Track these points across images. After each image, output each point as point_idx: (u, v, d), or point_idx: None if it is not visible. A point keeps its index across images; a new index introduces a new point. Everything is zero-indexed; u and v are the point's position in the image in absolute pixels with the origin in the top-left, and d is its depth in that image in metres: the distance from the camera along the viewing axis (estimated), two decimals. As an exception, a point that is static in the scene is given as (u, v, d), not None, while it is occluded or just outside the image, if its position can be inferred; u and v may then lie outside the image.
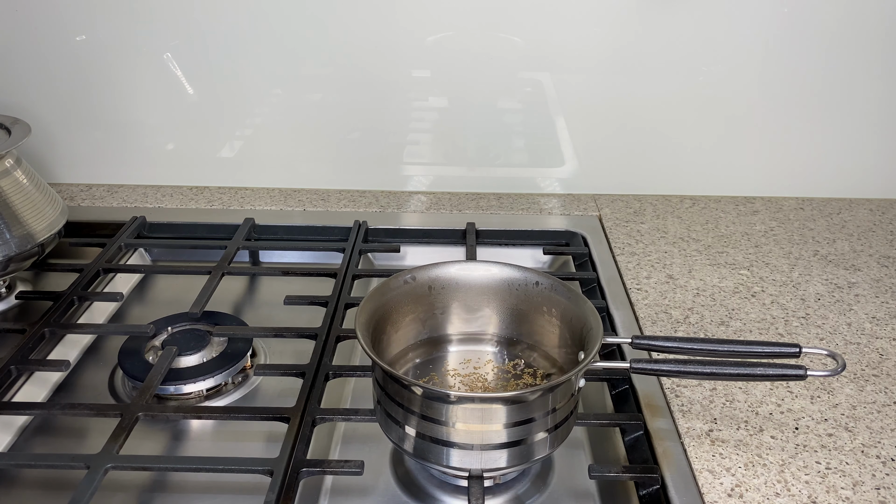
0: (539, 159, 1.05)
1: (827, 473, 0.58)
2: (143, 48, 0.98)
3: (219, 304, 0.83)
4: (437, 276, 0.64)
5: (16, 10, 0.95)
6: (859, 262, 0.89)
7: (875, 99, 1.00)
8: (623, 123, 1.02)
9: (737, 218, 1.00)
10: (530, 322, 0.65)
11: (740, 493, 0.55)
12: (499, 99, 1.01)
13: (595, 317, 0.57)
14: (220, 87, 1.00)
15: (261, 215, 0.98)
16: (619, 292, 0.82)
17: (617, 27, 0.95)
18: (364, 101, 1.01)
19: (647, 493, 0.58)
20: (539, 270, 0.64)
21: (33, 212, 0.78)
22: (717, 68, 0.98)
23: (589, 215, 1.01)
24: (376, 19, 0.95)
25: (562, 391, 0.54)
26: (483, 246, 0.95)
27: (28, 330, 0.73)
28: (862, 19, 0.95)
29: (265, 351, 0.77)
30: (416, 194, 1.06)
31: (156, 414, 0.64)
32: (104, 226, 0.96)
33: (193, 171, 1.06)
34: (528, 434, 0.53)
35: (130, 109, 1.02)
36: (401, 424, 0.55)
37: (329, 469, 0.57)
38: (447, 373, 0.63)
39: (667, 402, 0.65)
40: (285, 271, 0.86)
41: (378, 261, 0.96)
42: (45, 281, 0.89)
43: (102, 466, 0.56)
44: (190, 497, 0.60)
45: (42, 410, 0.65)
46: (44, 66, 0.99)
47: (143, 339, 0.74)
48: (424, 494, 0.60)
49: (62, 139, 1.04)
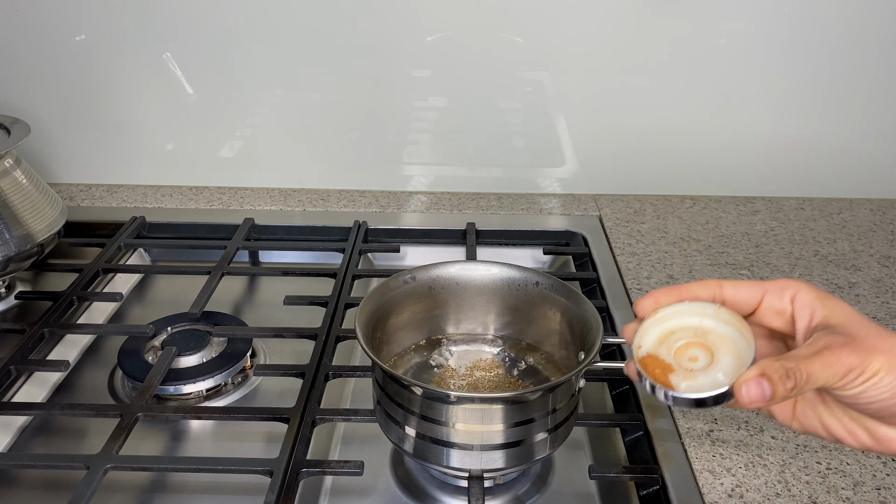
0: (539, 159, 1.05)
1: (827, 473, 0.58)
2: (143, 48, 0.98)
3: (219, 304, 0.83)
4: (437, 276, 0.64)
5: (16, 9, 0.95)
6: (860, 263, 0.89)
7: (875, 99, 1.00)
8: (623, 123, 1.02)
9: (737, 218, 1.00)
10: (530, 322, 0.65)
11: (741, 494, 0.55)
12: (499, 99, 1.01)
13: (595, 317, 0.57)
14: (220, 87, 1.00)
15: (261, 215, 0.98)
16: (620, 292, 0.82)
17: (617, 27, 0.95)
18: (364, 101, 1.01)
19: (647, 494, 0.58)
20: (539, 270, 0.64)
21: (33, 212, 0.78)
22: (717, 68, 0.98)
23: (589, 215, 1.01)
24: (376, 19, 0.95)
25: (562, 391, 0.54)
26: (483, 246, 0.94)
27: (28, 330, 0.73)
28: (862, 19, 0.95)
29: (265, 351, 0.77)
30: (416, 194, 1.06)
31: (155, 414, 0.64)
32: (104, 226, 0.96)
33: (193, 171, 1.06)
34: (529, 434, 0.53)
35: (130, 109, 1.02)
36: (401, 425, 0.55)
37: (329, 469, 0.57)
38: (447, 373, 0.63)
39: (667, 402, 0.65)
40: (285, 271, 0.86)
41: (378, 261, 0.96)
42: (45, 281, 0.89)
43: (102, 467, 0.56)
44: (190, 497, 0.60)
45: (42, 410, 0.65)
46: (43, 66, 0.99)
47: (142, 340, 0.74)
48: (424, 495, 0.60)
49: (62, 139, 1.04)
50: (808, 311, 0.44)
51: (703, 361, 0.43)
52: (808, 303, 0.44)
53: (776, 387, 0.39)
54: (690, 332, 0.45)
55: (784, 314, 0.45)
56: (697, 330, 0.44)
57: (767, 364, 0.40)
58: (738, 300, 0.45)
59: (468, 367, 0.64)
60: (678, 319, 0.45)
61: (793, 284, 0.45)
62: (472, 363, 0.64)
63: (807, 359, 0.40)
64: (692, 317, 0.45)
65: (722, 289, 0.46)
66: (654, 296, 0.46)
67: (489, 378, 0.62)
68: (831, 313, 0.43)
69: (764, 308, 0.45)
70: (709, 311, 0.45)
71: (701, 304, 0.45)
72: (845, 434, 0.44)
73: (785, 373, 0.39)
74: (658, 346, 0.45)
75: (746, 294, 0.45)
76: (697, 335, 0.44)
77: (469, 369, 0.63)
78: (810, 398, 0.45)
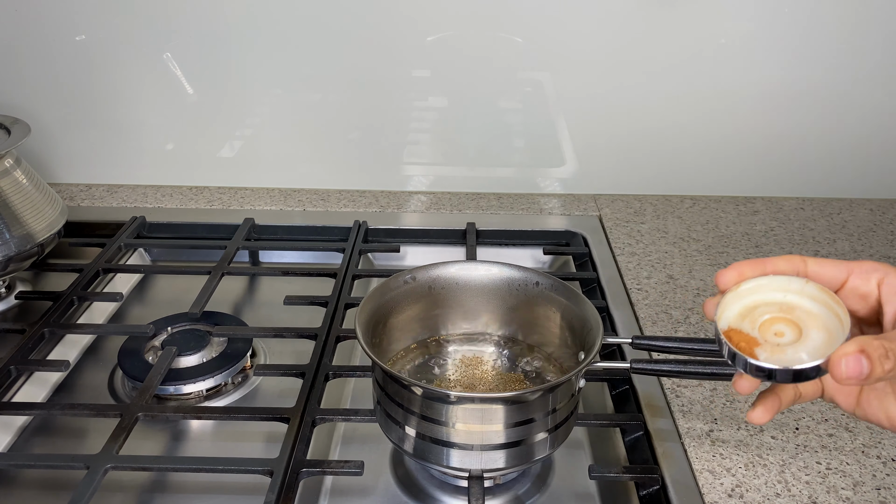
0: (539, 159, 1.05)
1: (827, 474, 0.58)
2: (143, 48, 0.98)
3: (219, 304, 0.83)
4: (437, 276, 0.64)
5: (16, 9, 0.95)
6: (860, 262, 0.89)
7: (875, 99, 1.00)
8: (623, 123, 1.02)
9: (737, 218, 1.00)
10: (530, 322, 0.65)
11: (741, 494, 0.55)
12: (499, 99, 1.01)
13: (595, 317, 0.57)
14: (220, 87, 1.00)
15: (261, 215, 0.98)
16: (620, 292, 0.82)
17: (617, 27, 0.95)
18: (364, 101, 1.01)
19: (647, 494, 0.58)
20: (539, 270, 0.64)
21: (33, 212, 0.78)
22: (717, 68, 0.98)
23: (589, 215, 1.01)
24: (376, 19, 0.95)
25: (562, 391, 0.54)
26: (483, 246, 0.94)
27: (28, 330, 0.73)
28: (862, 19, 0.95)
29: (265, 351, 0.77)
30: (416, 194, 1.06)
31: (155, 414, 0.64)
32: (104, 226, 0.96)
33: (193, 171, 1.06)
34: (529, 434, 0.53)
35: (130, 109, 1.02)
36: (401, 425, 0.55)
37: (329, 469, 0.57)
38: (447, 373, 0.63)
39: (667, 402, 0.65)
40: (285, 271, 0.86)
41: (378, 261, 0.96)
42: (45, 281, 0.89)
43: (102, 467, 0.56)
44: (190, 497, 0.60)
45: (42, 410, 0.66)
46: (44, 66, 0.99)
47: (142, 340, 0.74)
48: (424, 495, 0.60)
49: (62, 139, 1.04)
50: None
51: (789, 336, 0.41)
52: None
53: (874, 365, 0.37)
54: (775, 307, 0.43)
55: (868, 298, 0.43)
56: (783, 305, 0.43)
57: (866, 341, 0.38)
58: (822, 279, 0.44)
59: (468, 367, 0.64)
60: (762, 294, 0.44)
61: (881, 268, 0.43)
62: (472, 363, 0.64)
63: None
64: (776, 292, 0.44)
65: (806, 265, 0.44)
66: (738, 268, 0.44)
67: (489, 378, 0.62)
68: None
69: (847, 289, 0.44)
70: (794, 286, 0.43)
71: (786, 279, 0.44)
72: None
73: (885, 352, 0.37)
74: (741, 320, 0.43)
75: (831, 273, 0.44)
76: (783, 310, 0.43)
77: (469, 369, 0.63)
78: (880, 386, 0.44)
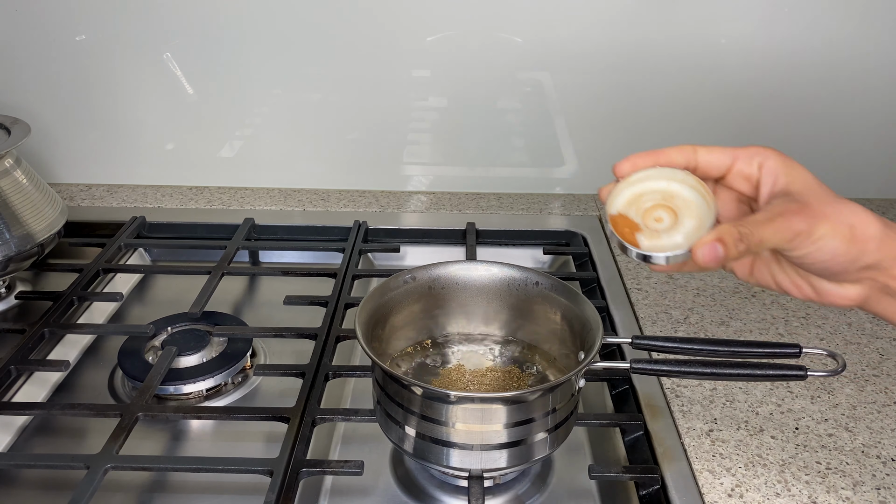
0: (539, 159, 1.05)
1: (827, 473, 0.58)
2: (143, 48, 0.98)
3: (219, 304, 0.83)
4: (437, 276, 0.64)
5: (16, 10, 0.95)
6: (859, 262, 0.89)
7: (875, 99, 1.00)
8: (623, 123, 1.02)
9: (737, 218, 1.00)
10: (530, 322, 0.65)
11: (740, 494, 0.55)
12: (499, 99, 1.01)
13: (595, 317, 0.57)
14: (220, 87, 1.00)
15: (261, 215, 0.98)
16: (620, 292, 0.82)
17: (617, 27, 0.95)
18: (364, 101, 1.01)
19: (647, 494, 0.58)
20: (539, 270, 0.64)
21: (33, 212, 0.78)
22: (717, 68, 0.98)
23: (589, 215, 1.01)
24: (377, 19, 0.95)
25: (562, 391, 0.54)
26: (483, 246, 0.94)
27: (28, 330, 0.73)
28: (862, 20, 0.95)
29: (265, 351, 0.77)
30: (416, 194, 1.06)
31: (155, 414, 0.64)
32: (104, 226, 0.96)
33: (193, 171, 1.06)
34: (528, 434, 0.53)
35: (130, 109, 1.02)
36: (401, 424, 0.55)
37: (329, 469, 0.57)
38: (447, 373, 0.63)
39: (667, 402, 0.65)
40: (285, 271, 0.86)
41: (378, 261, 0.96)
42: (45, 281, 0.89)
43: (102, 467, 0.56)
44: (190, 497, 0.60)
45: (42, 410, 0.66)
46: (43, 66, 0.99)
47: (142, 339, 0.74)
48: (424, 494, 0.60)
49: (62, 139, 1.04)
50: (772, 178, 0.47)
51: (667, 222, 0.46)
52: (774, 170, 0.47)
53: (729, 249, 0.42)
54: (659, 194, 0.47)
55: (751, 179, 0.48)
56: (665, 193, 0.47)
57: (724, 229, 0.43)
58: (711, 164, 0.48)
59: (468, 366, 0.64)
60: (649, 183, 0.48)
61: (762, 151, 0.48)
62: (471, 363, 0.64)
63: (761, 224, 0.43)
64: (661, 181, 0.47)
65: (696, 153, 0.48)
66: (632, 159, 0.49)
67: (489, 378, 0.62)
68: (793, 181, 0.46)
69: (734, 172, 0.48)
70: (678, 176, 0.47)
71: (671, 170, 0.48)
72: (792, 287, 0.48)
73: (739, 237, 0.42)
74: (628, 206, 0.47)
75: (718, 159, 0.48)
76: (665, 198, 0.47)
77: (469, 369, 0.63)
78: (766, 257, 0.49)
